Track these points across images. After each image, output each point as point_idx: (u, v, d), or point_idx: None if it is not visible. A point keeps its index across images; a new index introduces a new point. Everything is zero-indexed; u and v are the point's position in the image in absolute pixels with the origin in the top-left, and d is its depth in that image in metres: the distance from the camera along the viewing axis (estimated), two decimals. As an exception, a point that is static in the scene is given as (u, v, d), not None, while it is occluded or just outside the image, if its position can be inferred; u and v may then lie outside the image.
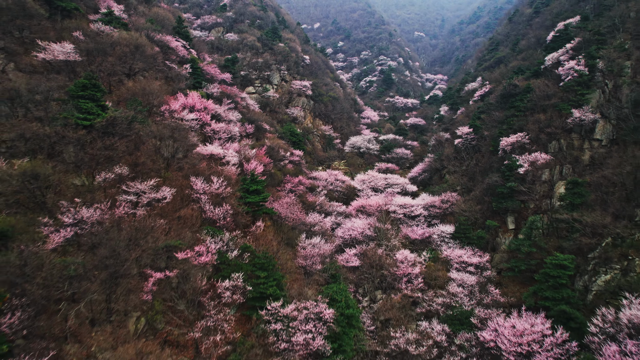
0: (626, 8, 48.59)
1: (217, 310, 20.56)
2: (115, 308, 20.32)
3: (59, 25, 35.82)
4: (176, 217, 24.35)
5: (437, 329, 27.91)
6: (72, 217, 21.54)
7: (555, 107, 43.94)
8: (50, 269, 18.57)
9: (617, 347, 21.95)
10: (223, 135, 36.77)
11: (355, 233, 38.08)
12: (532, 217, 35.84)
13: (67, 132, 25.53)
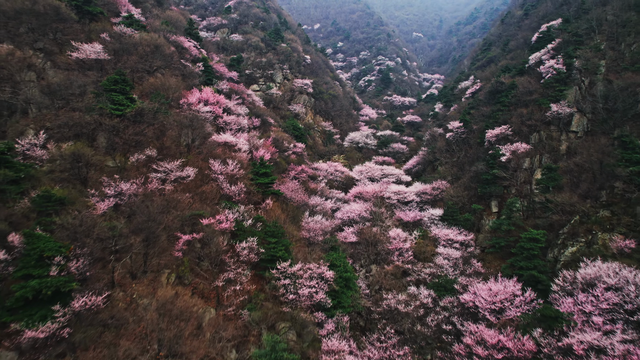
0: (602, 11, 52.67)
1: (236, 266, 24.60)
2: (150, 264, 24.37)
3: (87, 27, 39.88)
4: (198, 192, 28.42)
5: (424, 294, 31.96)
6: (113, 189, 25.59)
7: (536, 102, 48.05)
8: (100, 229, 22.62)
9: (572, 299, 26.04)
10: (234, 127, 40.85)
11: (353, 215, 42.18)
12: (511, 199, 39.95)
13: (104, 120, 29.61)
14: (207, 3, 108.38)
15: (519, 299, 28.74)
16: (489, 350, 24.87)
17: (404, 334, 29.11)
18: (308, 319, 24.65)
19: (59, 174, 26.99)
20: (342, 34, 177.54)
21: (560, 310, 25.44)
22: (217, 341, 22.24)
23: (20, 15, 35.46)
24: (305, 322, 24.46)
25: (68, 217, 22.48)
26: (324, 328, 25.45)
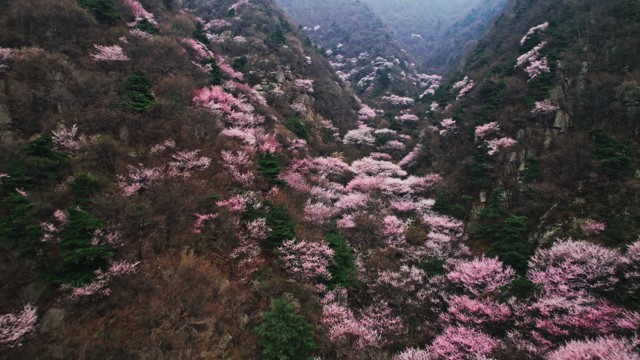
0: (586, 16, 56.08)
1: (247, 242, 27.99)
2: (172, 240, 27.76)
3: (106, 31, 43.28)
4: (213, 179, 31.81)
5: (415, 272, 35.37)
6: (138, 175, 28.99)
7: (522, 101, 51.48)
8: (129, 208, 26.00)
9: (544, 273, 29.44)
10: (241, 123, 44.25)
11: (352, 204, 45.56)
12: (496, 189, 43.38)
13: (127, 115, 33.01)
14: (211, 6, 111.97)
15: (500, 275, 32.15)
16: (470, 317, 28.27)
17: (397, 307, 32.52)
18: (311, 289, 28.04)
19: (89, 162, 30.45)
20: (342, 35, 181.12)
21: (533, 281, 28.85)
22: (232, 305, 25.64)
23: (48, 21, 38.88)
24: (308, 291, 27.85)
25: (102, 198, 25.88)
26: (325, 297, 28.84)
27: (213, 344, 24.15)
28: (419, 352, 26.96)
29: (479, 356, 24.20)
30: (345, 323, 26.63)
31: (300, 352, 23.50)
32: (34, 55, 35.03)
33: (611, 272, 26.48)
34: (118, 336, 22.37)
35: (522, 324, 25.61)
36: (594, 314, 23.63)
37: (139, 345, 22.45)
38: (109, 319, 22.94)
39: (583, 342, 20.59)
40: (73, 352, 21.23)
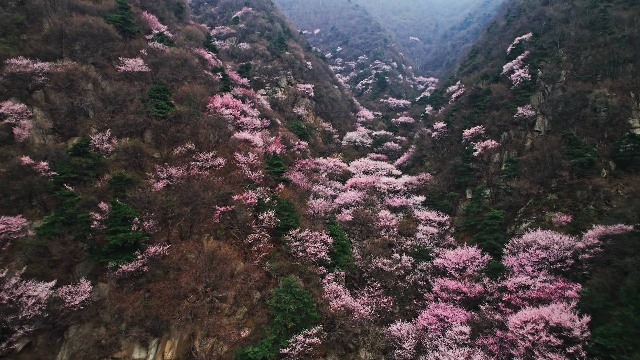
0: (566, 27, 60.78)
1: (259, 229, 32.66)
2: (195, 229, 32.42)
3: (128, 44, 47.99)
4: (228, 177, 36.49)
5: (405, 259, 40.03)
6: (165, 173, 33.68)
7: (505, 106, 56.20)
8: (160, 201, 30.67)
9: (515, 257, 34.12)
10: (249, 126, 48.93)
11: (350, 200, 50.22)
12: (479, 186, 48.11)
13: (152, 121, 37.71)
14: (216, 12, 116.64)
15: (478, 261, 36.82)
16: (450, 294, 32.94)
17: (388, 289, 37.21)
18: (313, 271, 32.71)
19: (121, 162, 35.14)
20: (341, 39, 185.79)
21: (505, 264, 33.54)
22: (247, 282, 30.30)
23: (79, 37, 43.61)
24: (312, 272, 32.51)
25: (135, 192, 30.57)
26: (325, 278, 33.48)
27: (232, 314, 28.84)
28: (406, 324, 31.66)
29: (455, 325, 28.88)
30: (343, 298, 31.32)
31: (305, 320, 28.17)
32: (69, 68, 39.77)
33: (569, 255, 31.18)
34: (154, 305, 27.07)
35: (492, 298, 30.32)
36: (549, 288, 28.29)
37: (172, 313, 27.15)
38: (146, 292, 27.62)
39: (536, 308, 25.20)
40: (119, 317, 25.92)
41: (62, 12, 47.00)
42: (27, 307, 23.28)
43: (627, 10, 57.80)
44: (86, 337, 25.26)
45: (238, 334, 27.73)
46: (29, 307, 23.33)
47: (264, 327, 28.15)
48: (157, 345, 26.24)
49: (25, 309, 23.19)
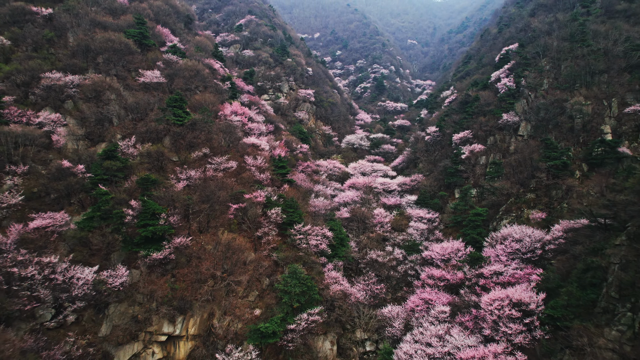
0: (549, 39, 65.39)
1: (267, 224, 37.25)
2: (211, 223, 36.98)
3: (145, 57, 52.57)
4: (239, 178, 41.06)
5: (397, 252, 44.62)
6: (184, 175, 38.25)
7: (492, 112, 60.82)
8: (182, 199, 35.24)
9: (493, 249, 38.71)
10: (256, 132, 53.52)
11: (348, 199, 54.83)
12: (466, 186, 52.75)
13: (171, 128, 42.28)
14: (220, 19, 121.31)
15: (461, 252, 41.41)
16: (435, 281, 37.54)
17: (382, 277, 41.80)
18: (315, 260, 37.28)
19: (144, 164, 39.72)
20: (341, 43, 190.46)
21: (483, 255, 38.15)
22: (257, 270, 34.86)
23: (102, 51, 48.18)
24: (314, 262, 37.09)
25: (160, 191, 35.16)
26: (326, 267, 38.06)
27: (245, 297, 33.43)
28: (396, 307, 36.26)
29: (437, 305, 33.46)
30: (342, 284, 35.92)
31: (308, 301, 32.75)
32: (96, 80, 44.41)
33: (538, 247, 35.77)
34: (179, 288, 31.65)
35: (471, 283, 34.90)
36: (519, 274, 32.87)
37: (194, 295, 31.72)
38: (172, 277, 32.20)
39: (504, 289, 29.74)
40: (150, 297, 30.48)
41: (85, 27, 51.65)
42: (77, 286, 27.88)
43: (605, 24, 62.45)
44: (124, 313, 29.86)
45: (251, 313, 32.32)
46: (79, 286, 27.93)
47: (273, 307, 32.73)
48: (182, 321, 30.83)
49: (76, 288, 27.78)
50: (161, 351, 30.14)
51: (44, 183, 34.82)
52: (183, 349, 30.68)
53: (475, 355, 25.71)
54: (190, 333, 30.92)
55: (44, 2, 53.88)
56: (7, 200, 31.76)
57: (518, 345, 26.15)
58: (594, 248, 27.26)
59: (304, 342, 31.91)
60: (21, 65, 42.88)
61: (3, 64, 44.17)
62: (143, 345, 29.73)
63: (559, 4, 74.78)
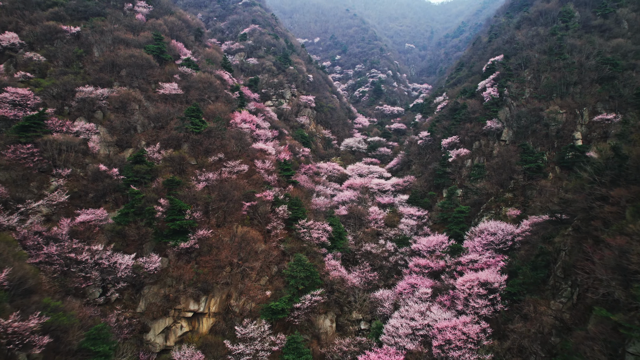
0: (530, 51, 71.23)
1: (276, 219, 43.03)
2: (227, 219, 42.74)
3: (162, 70, 58.34)
4: (250, 179, 46.83)
5: (389, 245, 50.43)
6: (203, 177, 44.03)
7: (477, 119, 66.67)
8: (202, 198, 41.00)
9: (472, 241, 44.52)
10: (263, 137, 59.31)
11: (346, 198, 60.61)
12: (451, 187, 58.61)
13: (190, 135, 48.08)
14: (224, 27, 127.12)
15: (445, 244, 47.23)
16: (420, 269, 43.35)
17: (375, 267, 47.61)
18: (317, 251, 43.06)
19: (167, 168, 45.47)
20: (340, 47, 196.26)
21: (463, 246, 43.97)
22: (267, 258, 40.63)
23: (125, 65, 53.95)
24: (315, 252, 42.86)
25: (184, 191, 40.93)
26: (326, 257, 43.85)
27: (257, 281, 39.23)
28: (387, 291, 42.05)
29: (421, 288, 39.25)
30: (340, 271, 41.72)
31: (311, 284, 38.51)
32: (122, 93, 50.20)
33: (509, 239, 41.58)
34: (202, 273, 37.42)
35: (450, 270, 40.68)
36: (490, 261, 38.67)
37: (215, 279, 37.49)
38: (196, 263, 37.97)
39: (475, 272, 35.53)
40: (179, 280, 36.25)
41: (109, 43, 57.49)
42: (119, 270, 33.65)
43: (581, 38, 68.32)
44: (157, 293, 35.65)
45: (263, 294, 38.11)
46: (121, 270, 33.70)
47: (282, 289, 38.51)
48: (205, 301, 36.61)
49: (119, 271, 33.56)
50: (188, 325, 35.92)
51: (84, 184, 40.62)
52: (206, 324, 36.47)
53: (448, 325, 31.44)
54: (211, 310, 36.71)
55: (72, 21, 59.82)
56: (56, 198, 37.49)
57: (483, 316, 31.93)
58: (545, 237, 33.04)
59: (308, 318, 37.73)
60: (57, 80, 48.65)
61: (40, 78, 50.00)
62: (173, 320, 35.51)
63: (541, 18, 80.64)
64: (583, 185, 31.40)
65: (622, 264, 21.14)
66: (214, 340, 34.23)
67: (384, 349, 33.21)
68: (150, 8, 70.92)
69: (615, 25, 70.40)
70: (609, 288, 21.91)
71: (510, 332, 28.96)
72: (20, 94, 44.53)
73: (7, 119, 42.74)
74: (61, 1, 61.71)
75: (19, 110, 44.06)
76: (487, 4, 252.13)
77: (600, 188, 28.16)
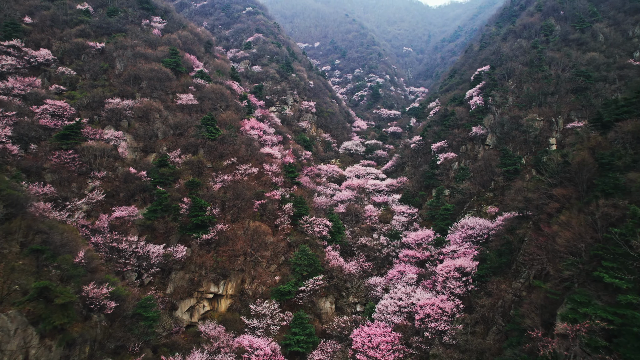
0: (514, 63, 77.60)
1: (282, 216, 49.38)
2: (240, 215, 49.07)
3: (178, 82, 64.66)
4: (260, 180, 53.21)
5: (382, 239, 56.79)
6: (219, 178, 50.36)
7: (464, 125, 73.04)
8: (219, 197, 47.33)
9: (453, 235, 50.88)
10: (269, 143, 65.66)
11: (344, 197, 66.97)
12: (439, 187, 65.00)
13: (205, 142, 54.41)
14: (229, 35, 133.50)
15: (431, 238, 53.57)
16: (408, 258, 49.72)
17: (370, 257, 53.97)
18: (318, 243, 49.38)
19: (187, 170, 51.79)
20: (339, 52, 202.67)
21: (446, 239, 50.34)
22: (276, 249, 46.97)
23: (146, 78, 60.27)
24: (317, 244, 49.18)
25: (203, 191, 47.25)
26: (326, 248, 50.21)
27: (267, 268, 45.56)
28: (379, 277, 48.41)
29: (408, 274, 45.61)
30: (338, 260, 48.08)
31: (313, 271, 44.83)
32: (144, 103, 56.52)
33: (485, 232, 47.93)
34: (221, 261, 43.72)
35: (434, 259, 47.05)
36: (467, 251, 45.02)
37: (232, 266, 43.81)
38: (215, 253, 44.28)
39: (453, 260, 41.88)
40: (201, 267, 42.55)
41: (129, 57, 63.80)
42: (152, 257, 39.98)
43: (559, 52, 74.78)
44: (183, 278, 41.97)
45: (272, 279, 44.46)
46: (154, 257, 40.03)
47: (288, 275, 44.86)
48: (223, 284, 42.94)
49: (152, 259, 39.88)
50: (209, 305, 42.25)
51: (117, 185, 46.95)
52: (224, 304, 42.80)
53: (429, 303, 37.74)
54: (229, 293, 43.04)
55: (96, 37, 66.21)
56: (95, 197, 43.82)
57: (457, 295, 38.26)
58: (510, 229, 39.42)
59: (311, 300, 44.09)
60: (88, 93, 55.00)
61: (72, 91, 56.37)
62: (196, 300, 41.84)
63: (525, 32, 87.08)
64: (539, 186, 37.73)
65: (553, 246, 27.38)
66: (231, 317, 40.57)
67: (375, 323, 39.58)
68: (164, 23, 77.28)
69: (592, 39, 76.94)
70: (543, 264, 28.14)
71: (478, 306, 35.28)
72: (58, 106, 50.95)
73: (48, 127, 49.06)
74: (86, 19, 68.10)
75: (58, 120, 50.42)
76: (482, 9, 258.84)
77: (550, 188, 34.48)
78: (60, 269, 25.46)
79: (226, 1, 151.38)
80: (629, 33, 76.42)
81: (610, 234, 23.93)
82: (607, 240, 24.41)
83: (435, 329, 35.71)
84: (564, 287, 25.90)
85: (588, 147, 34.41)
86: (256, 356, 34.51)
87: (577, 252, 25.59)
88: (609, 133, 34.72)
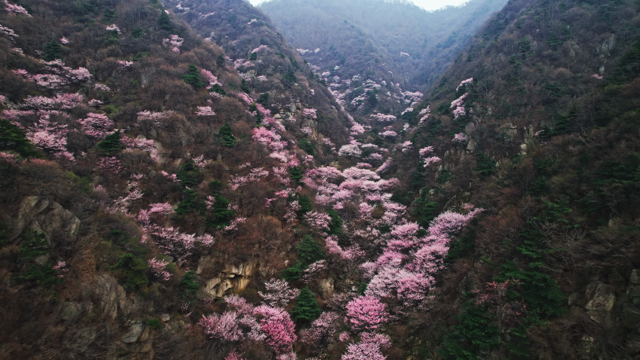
0: (493, 76, 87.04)
1: (290, 211, 58.79)
2: (255, 211, 58.47)
3: (197, 95, 74.02)
4: (270, 182, 62.66)
5: (374, 231, 66.27)
6: (237, 180, 59.78)
7: (448, 132, 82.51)
8: (237, 195, 56.73)
9: (433, 227, 60.31)
10: (277, 148, 75.07)
11: (342, 196, 76.42)
12: (424, 187, 74.54)
13: (223, 148, 63.83)
14: (235, 45, 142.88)
15: (415, 230, 63.05)
16: (395, 247, 59.22)
17: (363, 247, 63.44)
18: (320, 234, 58.84)
19: (209, 173, 61.22)
20: (338, 58, 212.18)
21: (427, 231, 59.81)
22: (284, 238, 56.42)
23: (170, 92, 69.65)
24: (319, 235, 58.65)
25: (224, 191, 56.68)
26: (327, 238, 59.65)
27: (278, 254, 55.00)
28: (371, 263, 57.91)
29: (394, 259, 55.05)
30: (337, 248, 57.52)
31: (316, 257, 54.29)
32: (170, 115, 65.92)
33: (459, 225, 57.36)
34: (240, 247, 53.14)
35: (415, 246, 56.54)
36: (443, 240, 54.44)
37: (249, 252, 53.24)
38: (235, 241, 53.70)
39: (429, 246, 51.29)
40: (224, 252, 51.98)
41: (153, 73, 73.19)
42: (186, 244, 49.39)
43: (534, 66, 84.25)
44: (209, 261, 51.39)
45: (282, 263, 53.91)
46: (187, 244, 49.44)
47: (295, 260, 54.30)
48: (242, 267, 52.37)
49: (186, 245, 49.30)
50: (231, 283, 51.68)
51: (151, 185, 56.37)
52: (242, 283, 52.22)
53: (408, 280, 47.23)
54: (247, 274, 52.47)
55: (124, 55, 75.63)
56: (135, 195, 53.21)
57: (431, 273, 47.76)
58: (474, 221, 48.95)
59: (314, 280, 53.55)
60: (123, 106, 64.43)
61: (108, 105, 65.78)
62: (220, 279, 51.27)
63: (505, 47, 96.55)
64: (495, 187, 47.23)
65: (494, 231, 36.76)
66: (250, 292, 50.03)
67: (366, 297, 49.05)
68: (181, 40, 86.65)
69: (563, 55, 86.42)
70: (488, 245, 37.52)
71: (446, 281, 44.72)
72: (99, 118, 60.33)
73: (92, 137, 58.46)
74: (115, 39, 77.50)
75: (99, 130, 59.82)
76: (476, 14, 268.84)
77: (502, 188, 43.89)
78: (132, 247, 34.78)
79: (232, 12, 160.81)
80: (596, 49, 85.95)
81: (530, 221, 33.34)
82: (529, 225, 33.82)
83: (412, 299, 45.21)
84: (499, 260, 35.31)
85: (532, 155, 43.89)
86: (271, 320, 43.95)
87: (510, 235, 34.98)
88: (548, 145, 44.18)
